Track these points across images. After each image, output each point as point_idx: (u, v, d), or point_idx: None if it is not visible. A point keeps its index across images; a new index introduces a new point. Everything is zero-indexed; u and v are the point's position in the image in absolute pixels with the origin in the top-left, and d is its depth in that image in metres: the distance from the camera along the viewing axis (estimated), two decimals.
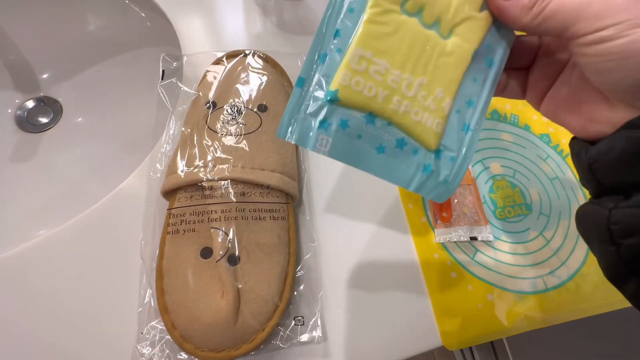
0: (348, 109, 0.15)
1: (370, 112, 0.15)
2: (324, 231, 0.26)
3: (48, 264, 0.24)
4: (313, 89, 0.15)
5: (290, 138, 0.15)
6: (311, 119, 0.15)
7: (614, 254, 0.14)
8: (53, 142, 0.37)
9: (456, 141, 0.17)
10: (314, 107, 0.15)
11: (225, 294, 0.20)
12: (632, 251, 0.13)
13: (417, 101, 0.16)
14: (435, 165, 0.16)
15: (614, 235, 0.14)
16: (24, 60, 0.38)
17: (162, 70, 0.29)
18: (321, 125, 0.15)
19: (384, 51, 0.15)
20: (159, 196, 0.25)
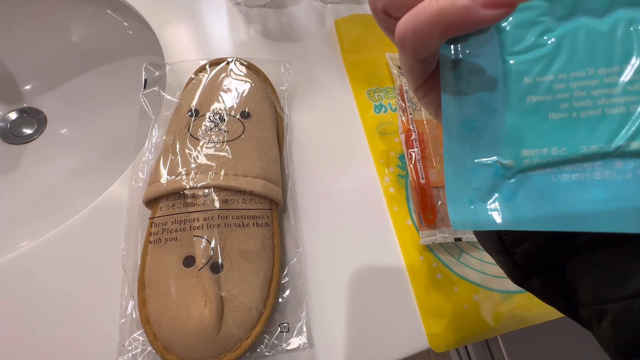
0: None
1: None
2: (309, 236, 0.26)
3: (29, 275, 0.23)
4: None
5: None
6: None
7: (511, 262, 0.14)
8: (36, 153, 0.37)
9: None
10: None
11: (208, 303, 0.20)
12: (525, 257, 0.14)
13: None
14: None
15: (507, 245, 0.14)
16: (6, 72, 0.38)
17: (144, 79, 0.29)
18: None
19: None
20: (141, 205, 0.24)
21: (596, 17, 0.11)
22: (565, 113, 0.11)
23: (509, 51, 0.12)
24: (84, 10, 0.37)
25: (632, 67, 0.11)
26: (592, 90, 0.11)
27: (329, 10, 0.37)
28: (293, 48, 0.34)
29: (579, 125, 0.11)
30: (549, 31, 0.11)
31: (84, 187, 0.34)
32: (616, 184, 0.11)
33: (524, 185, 0.12)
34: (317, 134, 0.30)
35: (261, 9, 0.36)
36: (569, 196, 0.11)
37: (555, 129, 0.11)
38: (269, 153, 0.26)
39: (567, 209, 0.11)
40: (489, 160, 0.12)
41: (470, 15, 0.09)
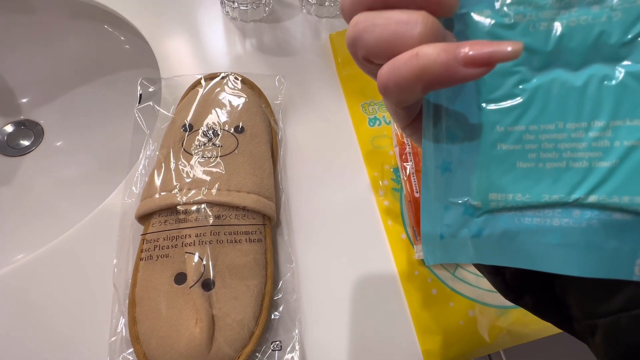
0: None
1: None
2: (303, 251, 0.26)
3: (20, 291, 0.23)
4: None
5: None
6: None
7: (502, 282, 0.14)
8: (32, 165, 0.37)
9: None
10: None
11: (199, 321, 0.20)
12: (515, 276, 0.14)
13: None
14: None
15: (497, 266, 0.14)
16: (4, 85, 0.39)
17: (139, 94, 0.29)
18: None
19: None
20: (134, 221, 0.24)
21: (571, 70, 0.11)
22: (532, 163, 0.12)
23: (484, 98, 0.12)
24: (81, 24, 0.38)
25: (599, 125, 0.11)
26: (559, 144, 0.12)
27: (324, 24, 0.38)
28: (288, 62, 0.34)
29: (544, 175, 0.12)
30: (524, 81, 0.12)
31: (78, 200, 0.34)
32: (571, 231, 0.12)
33: (490, 225, 0.13)
34: (311, 147, 0.30)
35: (257, 24, 0.37)
36: (528, 238, 0.12)
37: (521, 177, 0.12)
38: (263, 168, 0.26)
39: (525, 249, 0.12)
40: (460, 200, 0.13)
41: (451, 73, 0.10)
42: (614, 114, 0.11)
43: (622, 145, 0.11)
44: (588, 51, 0.11)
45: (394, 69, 0.10)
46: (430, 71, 0.10)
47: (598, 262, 0.11)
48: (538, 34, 0.11)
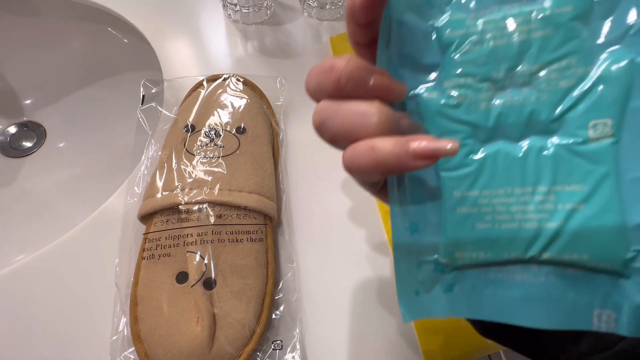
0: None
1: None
2: (304, 251, 0.26)
3: (23, 290, 0.23)
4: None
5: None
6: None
7: (481, 327, 0.16)
8: (35, 166, 0.37)
9: None
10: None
11: (201, 320, 0.20)
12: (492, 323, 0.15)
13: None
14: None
15: None
16: (8, 86, 0.39)
17: (142, 95, 0.29)
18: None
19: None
20: (136, 220, 0.24)
21: (512, 142, 0.13)
22: (489, 224, 0.13)
23: (442, 167, 0.13)
24: (85, 27, 0.38)
25: (542, 190, 0.12)
26: (510, 207, 0.13)
27: (325, 27, 0.38)
28: (289, 64, 0.35)
29: (501, 235, 0.13)
30: (473, 152, 0.13)
31: (80, 200, 0.34)
32: (532, 285, 0.13)
33: (459, 280, 0.14)
34: (312, 148, 0.30)
35: (258, 26, 0.37)
36: (494, 292, 0.13)
37: (481, 237, 0.13)
38: (264, 168, 0.26)
39: (492, 303, 0.13)
40: (430, 258, 0.14)
41: (403, 165, 0.11)
42: (553, 180, 0.12)
43: (565, 208, 0.12)
44: (524, 126, 0.12)
45: (355, 157, 0.12)
46: (385, 163, 0.11)
47: (559, 314, 0.12)
48: (479, 112, 0.13)
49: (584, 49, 0.12)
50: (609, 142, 0.12)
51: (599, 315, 0.12)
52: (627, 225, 0.11)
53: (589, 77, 0.12)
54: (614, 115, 0.11)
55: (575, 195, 0.12)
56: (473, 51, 0.12)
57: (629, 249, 0.11)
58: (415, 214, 0.14)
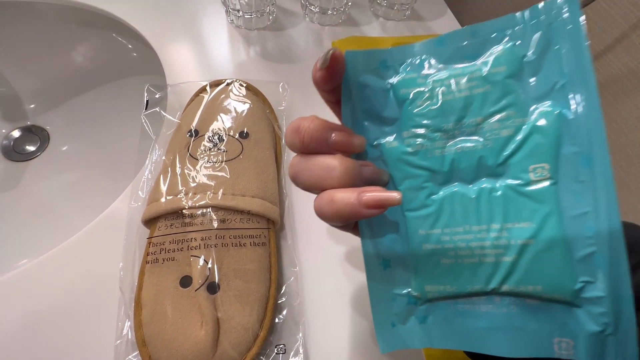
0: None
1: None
2: (306, 255, 0.26)
3: (27, 294, 0.23)
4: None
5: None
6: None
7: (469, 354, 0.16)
8: (38, 170, 0.38)
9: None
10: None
11: (204, 324, 0.20)
12: None
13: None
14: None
15: None
16: (12, 91, 0.39)
17: (146, 100, 0.30)
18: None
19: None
20: (140, 225, 0.25)
21: (467, 184, 0.14)
22: (452, 259, 0.14)
23: (406, 208, 0.15)
24: (89, 32, 0.38)
25: (495, 227, 0.13)
26: (470, 243, 0.14)
27: (327, 32, 0.38)
28: (291, 69, 0.35)
29: (463, 269, 0.14)
30: (432, 194, 0.14)
31: (84, 205, 0.34)
32: (496, 316, 0.14)
33: (432, 312, 0.15)
34: None
35: (261, 32, 0.37)
36: (463, 323, 0.14)
37: (446, 271, 0.14)
38: (267, 172, 0.26)
39: (463, 332, 0.14)
40: (404, 291, 0.15)
41: (357, 213, 0.13)
42: (504, 218, 0.13)
43: (517, 243, 0.13)
44: (475, 170, 0.14)
45: (319, 207, 0.14)
46: (342, 212, 0.13)
47: (523, 343, 0.13)
48: (435, 158, 0.14)
49: (520, 102, 0.13)
50: (548, 183, 0.13)
51: (559, 343, 0.13)
52: (573, 259, 0.12)
53: (525, 126, 0.13)
54: (550, 160, 0.13)
55: (525, 231, 0.13)
56: (425, 105, 0.14)
57: (577, 281, 0.12)
58: (386, 250, 0.15)
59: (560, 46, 0.12)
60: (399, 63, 0.15)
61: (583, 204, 0.12)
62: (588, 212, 0.12)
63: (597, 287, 0.12)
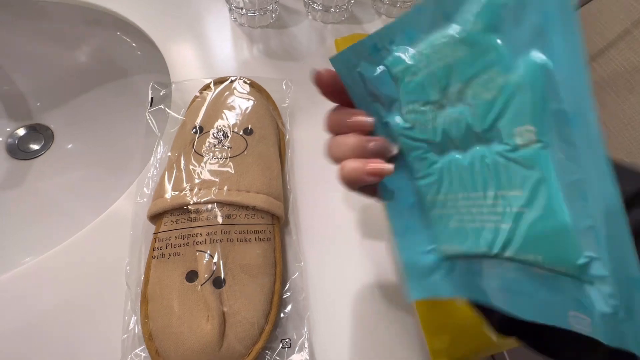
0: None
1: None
2: (311, 251, 0.26)
3: (33, 291, 0.23)
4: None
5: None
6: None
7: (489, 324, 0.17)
8: (43, 168, 0.38)
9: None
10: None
11: (211, 318, 0.20)
12: (500, 322, 0.16)
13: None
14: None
15: (483, 310, 0.17)
16: (17, 90, 0.39)
17: (150, 98, 0.30)
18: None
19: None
20: (145, 221, 0.25)
21: (461, 152, 0.14)
22: (458, 223, 0.15)
23: (414, 177, 0.16)
24: (94, 31, 0.39)
25: (491, 194, 0.13)
26: (470, 209, 0.14)
27: (329, 30, 0.39)
28: (294, 66, 0.35)
29: (469, 233, 0.14)
30: (433, 163, 0.15)
31: (89, 202, 0.35)
32: (505, 278, 0.14)
33: (453, 267, 0.16)
34: (318, 149, 0.30)
35: (264, 29, 0.38)
36: (479, 280, 0.15)
37: (454, 234, 0.15)
38: (271, 168, 0.26)
39: (480, 289, 0.15)
40: (428, 248, 0.16)
41: (361, 179, 0.16)
42: (497, 185, 0.13)
43: (512, 211, 0.13)
44: (465, 138, 0.14)
45: (338, 174, 0.17)
46: (350, 177, 0.16)
47: (533, 308, 0.13)
48: (429, 131, 0.15)
49: (502, 59, 0.12)
50: (537, 147, 0.12)
51: (575, 317, 0.12)
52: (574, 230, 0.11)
53: (508, 86, 0.12)
54: (535, 121, 0.11)
55: (519, 199, 0.12)
56: (412, 81, 0.14)
57: (582, 255, 0.11)
58: (406, 216, 0.17)
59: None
60: (389, 42, 0.15)
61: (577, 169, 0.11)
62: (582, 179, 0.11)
63: (602, 264, 0.11)
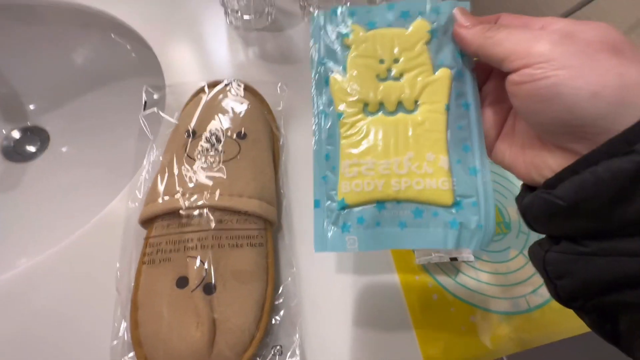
0: (358, 207, 0.18)
1: (377, 202, 0.18)
2: (304, 256, 0.26)
3: (25, 295, 0.23)
4: (327, 205, 0.18)
5: (325, 249, 0.17)
6: (334, 227, 0.18)
7: (554, 291, 0.15)
8: (38, 171, 0.38)
9: (470, 187, 0.17)
10: (332, 218, 0.18)
11: (200, 325, 0.20)
12: (565, 291, 0.15)
13: (413, 174, 0.18)
14: (461, 217, 0.17)
15: (550, 275, 0.15)
16: (12, 92, 0.39)
17: (144, 101, 0.30)
18: (343, 229, 0.17)
19: (365, 152, 0.18)
20: (137, 225, 0.25)
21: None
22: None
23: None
24: (89, 33, 0.39)
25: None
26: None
27: None
28: (290, 70, 0.35)
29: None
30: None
31: (83, 205, 0.34)
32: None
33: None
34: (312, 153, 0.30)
35: (259, 32, 0.38)
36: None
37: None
38: (264, 173, 0.26)
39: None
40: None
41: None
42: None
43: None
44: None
45: None
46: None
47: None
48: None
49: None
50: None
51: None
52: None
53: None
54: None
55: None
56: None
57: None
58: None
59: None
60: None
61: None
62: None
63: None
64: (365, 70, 0.19)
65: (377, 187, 0.17)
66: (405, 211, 0.17)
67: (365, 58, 0.19)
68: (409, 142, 0.18)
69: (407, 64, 0.19)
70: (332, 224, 0.18)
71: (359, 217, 0.17)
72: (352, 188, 0.17)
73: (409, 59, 0.18)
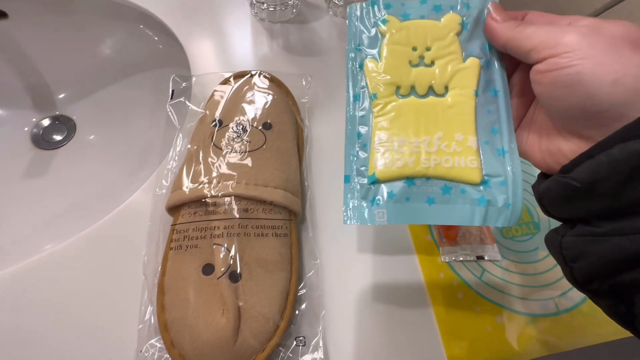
0: (388, 183, 0.18)
1: (407, 177, 0.18)
2: (327, 248, 0.26)
3: (51, 278, 0.24)
4: (358, 180, 0.19)
5: (355, 221, 0.18)
6: (363, 201, 0.18)
7: (570, 274, 0.16)
8: (65, 158, 0.39)
9: (498, 166, 0.18)
10: (362, 192, 0.18)
11: (226, 312, 0.20)
12: (581, 273, 0.15)
13: (442, 152, 0.18)
14: (489, 195, 0.18)
15: (566, 259, 0.16)
16: (43, 82, 0.40)
17: (171, 90, 0.30)
18: (373, 203, 0.18)
19: (396, 130, 0.19)
20: (163, 212, 0.25)
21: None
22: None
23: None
24: (118, 25, 0.39)
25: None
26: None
27: None
28: (314, 62, 0.35)
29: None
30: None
31: (108, 192, 0.35)
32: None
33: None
34: (336, 146, 0.30)
35: (284, 25, 0.37)
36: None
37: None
38: (290, 164, 0.26)
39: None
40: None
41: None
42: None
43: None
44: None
45: None
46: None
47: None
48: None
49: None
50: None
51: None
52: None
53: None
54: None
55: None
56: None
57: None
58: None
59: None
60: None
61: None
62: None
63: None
64: (398, 56, 0.20)
65: (407, 163, 0.18)
66: (434, 187, 0.18)
67: (399, 45, 0.20)
68: (438, 123, 0.19)
69: (438, 52, 0.19)
70: (362, 197, 0.18)
71: (389, 191, 0.18)
72: (384, 164, 0.18)
73: (440, 48, 0.19)
